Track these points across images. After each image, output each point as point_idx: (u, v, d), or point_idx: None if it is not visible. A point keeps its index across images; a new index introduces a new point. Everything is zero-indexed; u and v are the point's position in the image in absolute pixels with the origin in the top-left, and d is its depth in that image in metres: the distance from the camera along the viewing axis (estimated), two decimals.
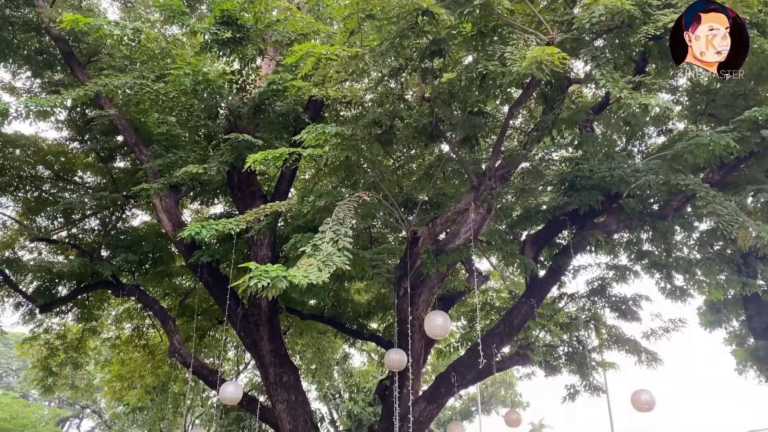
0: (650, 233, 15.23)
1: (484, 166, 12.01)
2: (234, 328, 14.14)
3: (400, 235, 14.10)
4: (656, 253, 15.74)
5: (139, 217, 16.86)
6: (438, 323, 10.35)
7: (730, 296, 17.42)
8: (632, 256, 16.17)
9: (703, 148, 10.49)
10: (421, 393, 13.67)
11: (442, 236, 12.41)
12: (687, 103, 14.21)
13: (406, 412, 11.36)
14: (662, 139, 14.78)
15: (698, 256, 16.25)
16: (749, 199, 14.00)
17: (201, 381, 17.29)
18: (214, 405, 23.63)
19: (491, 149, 12.26)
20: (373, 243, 14.82)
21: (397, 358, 10.80)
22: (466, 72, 9.82)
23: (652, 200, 13.37)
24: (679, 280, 16.66)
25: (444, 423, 20.74)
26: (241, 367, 23.59)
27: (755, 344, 17.37)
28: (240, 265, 8.49)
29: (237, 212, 12.63)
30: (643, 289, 17.56)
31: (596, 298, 16.66)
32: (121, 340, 20.31)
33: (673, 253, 15.94)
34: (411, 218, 12.11)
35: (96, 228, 16.42)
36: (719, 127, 10.73)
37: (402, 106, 11.41)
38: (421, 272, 11.92)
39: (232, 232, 9.49)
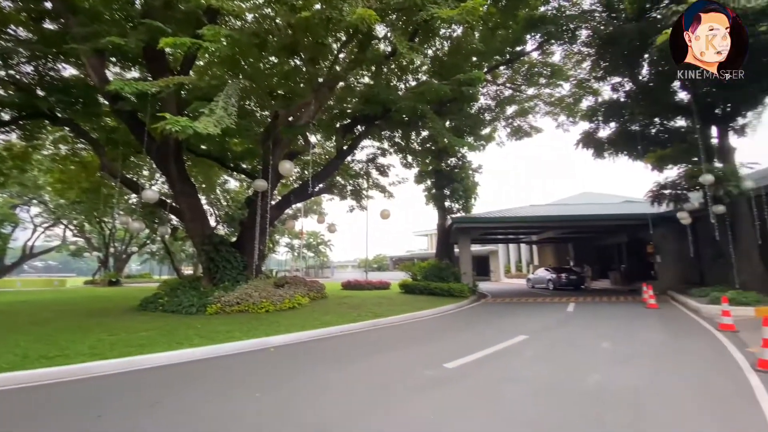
0: (401, 132, 15.62)
1: (321, 79, 10.91)
2: (149, 156, 11.79)
3: (266, 113, 12.51)
4: (402, 143, 16.31)
5: (69, 71, 12.32)
6: (287, 167, 9.70)
7: (430, 169, 18.96)
8: (390, 144, 16.58)
9: (433, 92, 10.76)
10: (272, 203, 13.14)
11: (291, 118, 11.27)
12: (429, 66, 14.20)
13: (265, 213, 10.86)
14: (414, 83, 14.68)
15: (419, 148, 17.26)
16: (447, 122, 14.87)
17: (126, 188, 14.54)
18: (134, 203, 20.13)
19: (328, 69, 11.12)
20: (248, 116, 12.98)
21: (262, 184, 10.03)
22: (318, 13, 8.46)
23: (405, 115, 13.45)
24: (410, 158, 17.67)
25: (284, 220, 20.48)
26: (153, 182, 20.15)
27: (437, 192, 19.45)
28: (158, 114, 6.84)
29: (151, 78, 9.89)
30: (392, 161, 18.44)
31: (370, 163, 17.04)
32: (59, 156, 15.81)
33: (410, 144, 16.65)
34: (274, 103, 10.74)
35: (31, 73, 11.71)
36: (443, 82, 11.03)
37: (274, 25, 9.57)
38: (278, 137, 10.85)
39: (148, 92, 7.47)
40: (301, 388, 4.10)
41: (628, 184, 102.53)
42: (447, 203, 19.65)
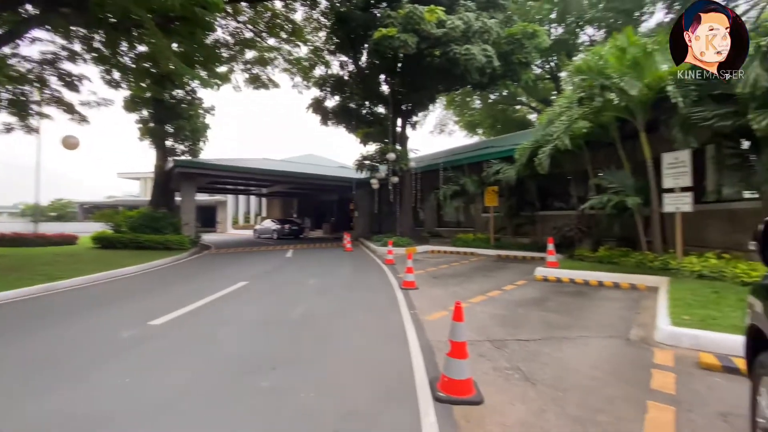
0: (105, 37, 11.61)
1: None
2: None
3: None
4: (106, 52, 12.27)
5: None
6: None
7: (148, 95, 15.40)
8: (87, 48, 12.09)
9: None
10: None
11: None
12: None
13: None
14: None
15: (133, 65, 13.53)
16: (175, 45, 12.34)
17: None
18: None
19: None
20: None
21: None
22: None
23: (110, 15, 10.02)
24: (117, 75, 13.63)
25: None
26: None
27: (156, 127, 16.29)
28: None
29: None
30: (89, 72, 13.70)
31: (47, 66, 11.95)
32: None
33: (118, 56, 12.71)
34: None
35: None
36: None
37: None
38: None
39: None
40: None
41: (345, 151, 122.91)
42: (169, 142, 16.87)
